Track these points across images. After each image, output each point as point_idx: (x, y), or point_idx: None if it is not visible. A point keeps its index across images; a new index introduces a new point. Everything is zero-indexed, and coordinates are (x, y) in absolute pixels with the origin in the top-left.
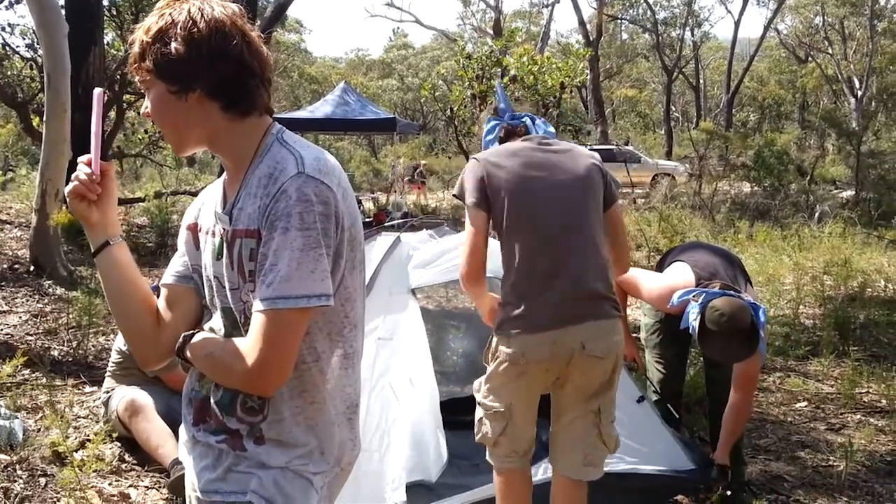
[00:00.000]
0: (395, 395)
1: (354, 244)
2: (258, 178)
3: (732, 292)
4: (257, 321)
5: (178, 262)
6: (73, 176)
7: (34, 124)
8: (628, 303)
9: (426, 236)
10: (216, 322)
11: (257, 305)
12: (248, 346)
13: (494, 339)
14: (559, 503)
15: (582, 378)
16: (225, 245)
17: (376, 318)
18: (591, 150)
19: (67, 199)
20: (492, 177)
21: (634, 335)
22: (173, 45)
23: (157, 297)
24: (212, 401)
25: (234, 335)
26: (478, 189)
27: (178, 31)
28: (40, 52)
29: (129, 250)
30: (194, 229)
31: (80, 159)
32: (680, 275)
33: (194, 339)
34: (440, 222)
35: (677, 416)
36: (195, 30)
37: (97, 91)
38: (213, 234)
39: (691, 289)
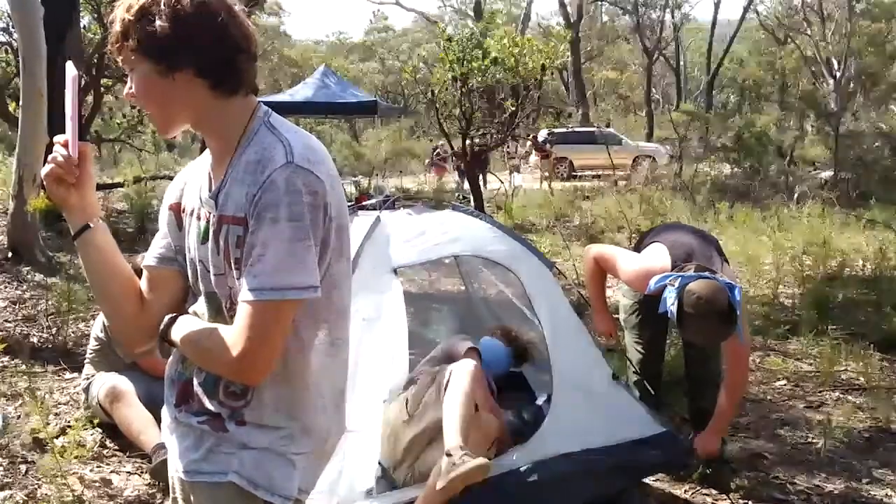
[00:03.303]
0: (380, 375)
1: (341, 232)
2: (245, 164)
3: (707, 274)
4: (243, 311)
5: (160, 244)
6: (49, 158)
7: (10, 109)
8: (607, 284)
9: (404, 214)
10: (200, 306)
11: (244, 295)
12: (235, 336)
13: None
14: None
15: None
16: (210, 230)
17: (360, 299)
18: (573, 131)
19: (45, 183)
20: None
21: (615, 316)
22: (158, 22)
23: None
24: (195, 383)
25: (218, 321)
26: None
27: (162, 7)
28: (15, 35)
29: (109, 233)
30: (177, 210)
31: (55, 139)
32: (656, 258)
33: (178, 323)
34: (415, 203)
35: (655, 395)
36: (179, 6)
37: (72, 71)
38: (199, 216)
39: (668, 273)
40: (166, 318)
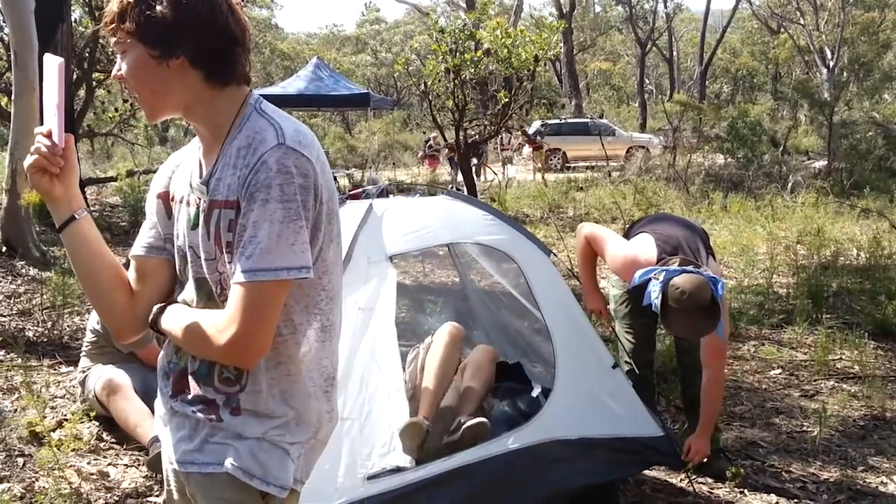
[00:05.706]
0: (376, 363)
1: (332, 217)
2: (237, 149)
3: (692, 268)
4: (236, 293)
5: (147, 234)
6: (32, 149)
7: (2, 104)
8: (601, 275)
9: (398, 202)
10: (188, 293)
11: (237, 277)
12: (228, 318)
13: None
14: None
15: None
16: (201, 215)
17: (356, 288)
18: (566, 122)
19: (28, 174)
20: None
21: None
22: (159, 7)
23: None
24: (189, 371)
25: (209, 307)
26: None
27: None
28: (7, 29)
29: (94, 224)
30: (166, 198)
31: (36, 130)
32: (643, 248)
33: (168, 311)
34: (409, 190)
35: (648, 384)
36: None
37: (56, 60)
38: (188, 203)
39: (652, 268)
40: (155, 307)
